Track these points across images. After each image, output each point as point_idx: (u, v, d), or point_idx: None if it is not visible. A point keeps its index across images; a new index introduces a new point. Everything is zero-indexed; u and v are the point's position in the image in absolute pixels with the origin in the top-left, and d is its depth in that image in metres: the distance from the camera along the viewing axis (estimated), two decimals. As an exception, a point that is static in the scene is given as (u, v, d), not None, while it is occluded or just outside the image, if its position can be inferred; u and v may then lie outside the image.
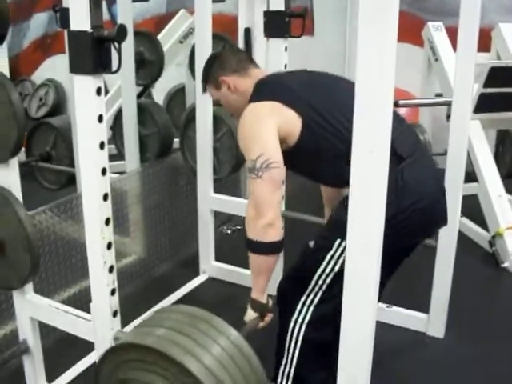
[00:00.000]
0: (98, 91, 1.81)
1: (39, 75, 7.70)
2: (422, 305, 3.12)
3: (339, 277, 1.61)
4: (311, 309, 2.18)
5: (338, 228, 2.01)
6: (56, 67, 7.51)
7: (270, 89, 2.29)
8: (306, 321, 2.19)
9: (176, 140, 4.15)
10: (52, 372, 2.67)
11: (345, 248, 1.59)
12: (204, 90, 2.57)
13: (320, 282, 2.14)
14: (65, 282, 3.16)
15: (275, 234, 2.11)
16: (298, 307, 2.20)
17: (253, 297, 2.23)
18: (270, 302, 2.29)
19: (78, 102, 1.85)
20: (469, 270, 3.68)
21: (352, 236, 1.49)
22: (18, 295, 2.40)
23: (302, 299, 2.18)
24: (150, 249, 3.85)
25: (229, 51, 2.45)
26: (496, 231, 4.01)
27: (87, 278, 2.09)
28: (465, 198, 3.07)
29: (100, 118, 1.85)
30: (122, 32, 1.73)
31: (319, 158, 2.23)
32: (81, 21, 1.73)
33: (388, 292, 2.45)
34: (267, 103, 2.19)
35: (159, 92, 5.29)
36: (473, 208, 4.25)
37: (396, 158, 2.01)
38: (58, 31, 7.33)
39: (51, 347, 2.82)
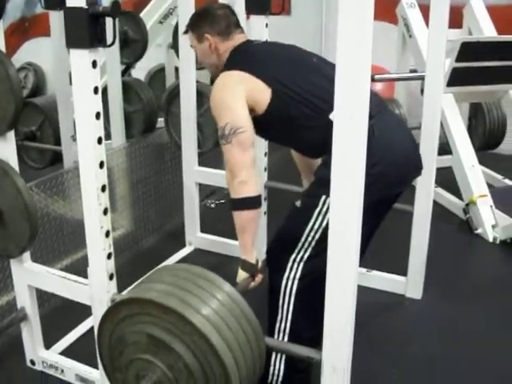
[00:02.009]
0: (94, 64, 1.91)
1: (18, 58, 7.66)
2: (401, 268, 3.25)
3: (327, 231, 1.71)
4: (301, 264, 2.27)
5: (322, 185, 2.13)
6: (35, 50, 7.50)
7: (241, 58, 2.41)
8: (298, 276, 2.28)
9: (160, 119, 4.23)
10: (49, 339, 2.74)
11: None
12: (185, 32, 2.64)
13: (309, 238, 2.23)
14: (57, 254, 3.24)
15: (250, 189, 2.23)
16: (289, 264, 2.28)
17: (242, 257, 2.33)
18: (260, 263, 2.38)
19: (75, 75, 1.94)
20: (444, 236, 3.83)
21: (335, 192, 1.60)
22: (16, 264, 2.48)
23: (293, 256, 2.27)
24: (136, 222, 3.93)
25: (223, 12, 2.51)
26: (469, 199, 4.16)
27: (78, 250, 2.16)
28: (440, 170, 3.20)
29: (96, 90, 1.94)
30: (116, 8, 1.83)
31: (289, 125, 2.33)
32: (77, -3, 1.82)
33: (368, 257, 2.57)
34: (236, 73, 2.31)
35: (138, 71, 5.32)
36: (447, 180, 4.41)
37: None
38: (35, 14, 7.35)
39: (48, 315, 2.90)
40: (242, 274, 2.33)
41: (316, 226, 2.22)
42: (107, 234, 2.14)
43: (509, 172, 4.97)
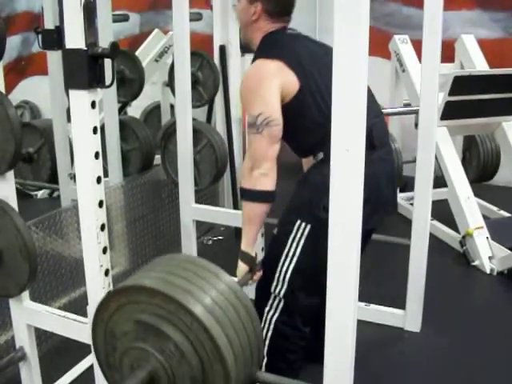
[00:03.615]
0: (93, 104, 1.93)
1: (14, 97, 7.70)
2: (399, 302, 3.26)
3: (302, 261, 1.71)
4: (280, 305, 2.34)
5: (294, 211, 2.17)
6: (31, 88, 7.54)
7: (278, 47, 2.36)
8: (277, 315, 2.34)
9: (157, 156, 4.24)
10: (48, 378, 2.72)
11: (305, 228, 1.71)
12: None
13: (284, 268, 2.28)
14: (56, 292, 3.23)
15: (268, 183, 2.23)
16: (270, 301, 2.34)
17: (242, 249, 2.33)
18: (259, 257, 2.40)
19: (74, 115, 1.96)
20: (442, 269, 3.84)
21: (334, 228, 1.62)
22: (15, 303, 2.46)
23: (270, 299, 2.34)
24: (134, 260, 3.93)
25: None
26: (466, 231, 4.17)
27: (77, 288, 2.15)
28: (436, 202, 3.22)
29: (95, 130, 1.97)
30: (115, 49, 1.86)
31: (295, 122, 2.32)
32: (76, 39, 1.85)
33: (366, 291, 2.57)
34: (273, 63, 2.27)
35: (134, 109, 5.37)
36: (443, 212, 4.42)
37: (369, 144, 2.15)
38: (32, 53, 7.41)
39: (47, 354, 2.90)
40: (241, 265, 2.34)
41: (291, 254, 2.25)
42: (106, 273, 2.14)
43: (504, 203, 5.00)
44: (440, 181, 4.30)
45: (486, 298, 3.79)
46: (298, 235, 2.23)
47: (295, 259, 2.26)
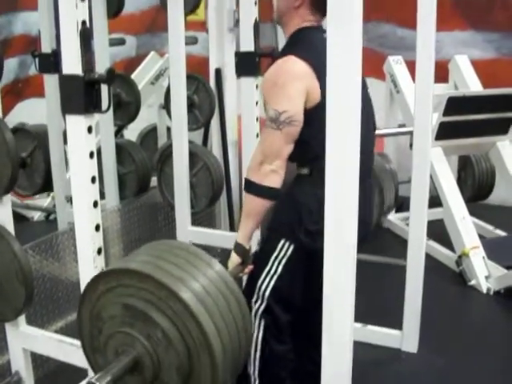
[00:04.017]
0: (89, 129, 1.95)
1: (11, 120, 7.70)
2: (396, 322, 3.26)
3: (281, 283, 1.71)
4: (262, 322, 2.34)
5: (278, 229, 2.19)
6: (28, 111, 7.56)
7: (310, 50, 2.26)
8: (261, 335, 2.35)
9: (154, 178, 4.25)
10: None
11: (288, 249, 1.72)
12: None
13: (263, 286, 2.29)
14: (52, 316, 3.22)
15: (277, 180, 2.20)
16: (252, 314, 2.33)
17: (238, 241, 2.31)
18: (252, 251, 2.38)
19: (71, 139, 1.98)
20: (438, 289, 3.84)
21: (328, 254, 1.63)
22: (11, 327, 2.46)
23: (253, 312, 2.33)
24: (131, 283, 3.90)
25: None
26: (462, 251, 4.18)
27: (73, 312, 2.15)
28: (431, 222, 3.23)
29: (91, 154, 1.98)
30: (111, 75, 1.88)
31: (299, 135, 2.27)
32: (73, 65, 1.87)
33: (363, 311, 2.58)
34: (305, 64, 2.19)
35: (130, 131, 5.39)
36: (439, 232, 4.44)
37: None
38: (29, 76, 7.45)
39: (43, 378, 2.89)
40: (234, 257, 2.32)
41: (272, 272, 2.26)
42: (103, 297, 2.14)
43: (499, 222, 5.01)
44: (436, 200, 4.31)
45: (483, 318, 3.79)
46: (281, 254, 2.25)
47: (275, 277, 2.27)
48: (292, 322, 2.41)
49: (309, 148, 2.23)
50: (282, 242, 2.24)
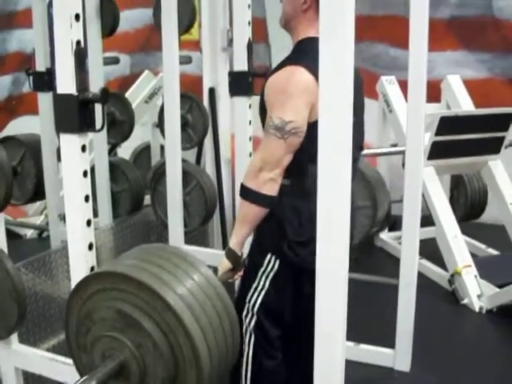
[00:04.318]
0: (83, 148, 1.95)
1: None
2: (388, 341, 3.26)
3: (268, 299, 1.70)
4: (252, 339, 2.34)
5: (265, 243, 2.23)
6: (21, 128, 7.54)
7: (316, 63, 2.18)
8: (251, 351, 2.35)
9: (147, 196, 4.26)
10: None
11: (275, 263, 1.73)
12: None
13: (252, 301, 2.29)
14: (44, 334, 3.21)
15: (274, 189, 2.18)
16: (243, 335, 2.33)
17: (230, 246, 2.30)
18: (243, 258, 2.36)
19: (64, 158, 1.98)
20: (431, 308, 3.85)
21: (321, 272, 1.63)
22: (3, 345, 2.46)
23: (244, 327, 2.33)
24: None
25: None
26: (454, 270, 4.19)
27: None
28: (424, 241, 3.24)
29: (85, 173, 1.98)
30: (105, 95, 1.89)
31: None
32: (67, 84, 1.87)
33: (355, 330, 2.57)
34: (313, 80, 2.11)
35: (123, 150, 5.40)
36: (432, 251, 4.45)
37: None
38: (22, 93, 7.46)
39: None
40: (225, 262, 2.31)
41: (260, 287, 2.26)
42: (96, 315, 2.14)
43: (492, 241, 5.03)
44: (428, 219, 4.33)
45: (476, 337, 3.80)
46: (268, 269, 2.25)
47: (263, 292, 2.27)
48: (282, 336, 2.41)
49: (294, 160, 2.22)
50: (269, 256, 2.24)
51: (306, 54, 2.22)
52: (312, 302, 1.63)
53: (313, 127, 2.06)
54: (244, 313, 2.34)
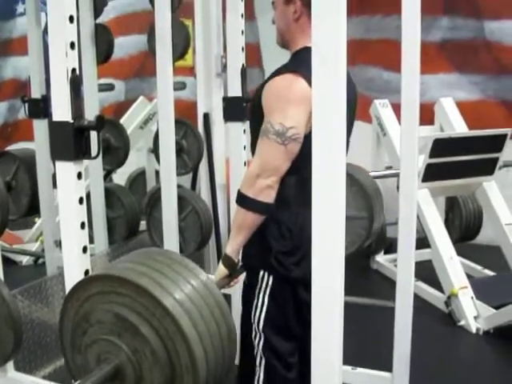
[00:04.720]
0: (79, 176, 1.97)
1: None
2: (386, 364, 3.24)
3: (269, 314, 1.70)
4: (263, 360, 2.31)
5: (256, 258, 2.23)
6: (17, 156, 7.58)
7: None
8: (262, 379, 2.31)
9: (143, 222, 4.26)
10: None
11: (268, 279, 1.88)
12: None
13: (256, 319, 2.27)
14: (40, 362, 3.21)
15: (272, 196, 2.15)
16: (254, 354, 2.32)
17: (226, 253, 2.28)
18: (239, 265, 2.34)
19: (60, 185, 2.00)
20: (428, 330, 3.84)
21: (316, 288, 1.64)
22: None
23: (255, 350, 2.30)
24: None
25: None
26: (450, 292, 4.19)
27: (62, 357, 2.13)
28: (419, 263, 3.24)
29: (81, 200, 2.00)
30: (100, 122, 1.91)
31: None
32: (63, 112, 1.90)
33: (352, 354, 2.57)
34: (310, 90, 1.98)
35: (119, 175, 5.42)
36: (428, 273, 4.45)
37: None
38: (17, 120, 7.49)
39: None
40: (221, 269, 2.28)
41: (260, 304, 2.25)
42: (92, 342, 2.14)
43: (487, 262, 5.04)
44: (424, 242, 4.34)
45: (473, 358, 3.79)
46: (264, 286, 2.23)
47: (264, 309, 2.25)
48: (296, 351, 2.36)
49: (288, 176, 2.22)
50: (261, 272, 2.23)
51: (303, 62, 2.13)
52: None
53: (309, 138, 2.09)
54: (253, 335, 2.31)
